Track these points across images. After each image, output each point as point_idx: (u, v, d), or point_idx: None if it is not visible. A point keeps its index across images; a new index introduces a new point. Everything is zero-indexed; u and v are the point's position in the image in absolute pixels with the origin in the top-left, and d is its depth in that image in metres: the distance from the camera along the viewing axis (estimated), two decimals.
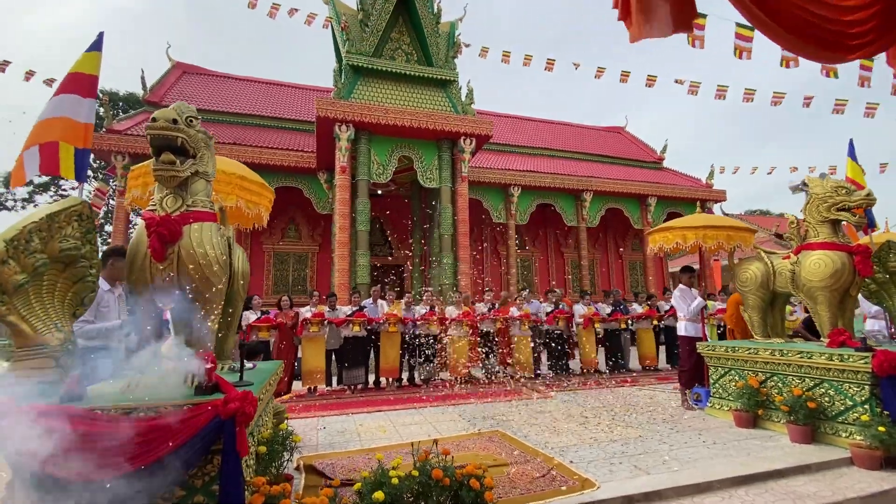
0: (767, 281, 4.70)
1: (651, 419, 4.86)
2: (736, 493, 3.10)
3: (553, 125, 21.54)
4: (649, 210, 16.01)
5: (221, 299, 2.61)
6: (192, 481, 2.13)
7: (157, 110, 2.41)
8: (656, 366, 8.45)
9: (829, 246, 4.16)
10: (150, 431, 1.94)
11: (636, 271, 18.37)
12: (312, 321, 6.49)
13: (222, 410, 2.06)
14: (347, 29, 10.84)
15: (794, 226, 4.59)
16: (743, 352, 4.61)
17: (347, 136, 10.10)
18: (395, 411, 5.51)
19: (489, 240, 16.54)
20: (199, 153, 2.60)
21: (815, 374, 3.99)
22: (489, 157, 15.88)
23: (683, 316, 5.54)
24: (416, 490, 2.36)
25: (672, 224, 5.50)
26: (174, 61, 15.94)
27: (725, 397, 4.82)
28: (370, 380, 7.10)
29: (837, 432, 3.79)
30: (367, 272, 10.14)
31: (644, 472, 3.32)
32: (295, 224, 14.32)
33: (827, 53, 1.42)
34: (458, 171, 11.11)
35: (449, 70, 11.46)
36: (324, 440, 4.30)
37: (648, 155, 20.32)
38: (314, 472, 3.42)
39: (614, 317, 8.21)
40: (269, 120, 14.98)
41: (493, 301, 7.93)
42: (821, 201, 4.26)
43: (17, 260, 2.07)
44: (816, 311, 4.26)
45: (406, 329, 7.07)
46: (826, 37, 1.28)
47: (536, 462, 3.59)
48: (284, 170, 12.31)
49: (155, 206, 2.50)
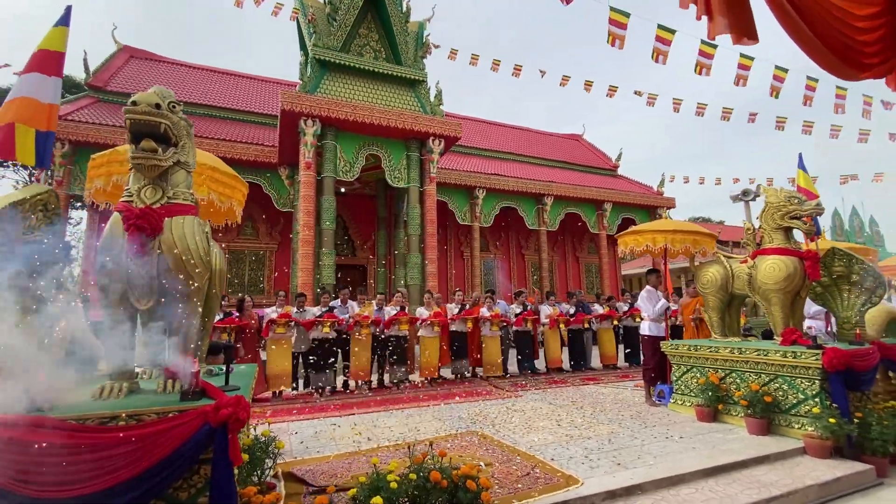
0: (726, 283, 5.02)
1: (620, 416, 5.04)
2: (706, 484, 3.28)
3: (515, 130, 21.97)
4: (605, 215, 16.68)
5: (203, 298, 2.44)
6: (177, 494, 1.98)
7: (137, 94, 2.22)
8: (616, 364, 8.80)
9: (783, 251, 4.49)
10: (134, 442, 1.78)
11: (592, 273, 19.08)
12: (279, 322, 6.22)
13: (213, 417, 1.93)
14: (314, 21, 10.53)
15: (750, 232, 4.92)
16: (704, 350, 4.89)
17: (313, 131, 9.80)
18: (368, 414, 5.40)
19: (453, 241, 16.62)
20: (181, 142, 2.42)
21: (771, 370, 4.30)
22: (454, 158, 15.96)
23: (648, 316, 5.80)
24: (413, 493, 2.31)
25: (642, 228, 5.75)
26: (121, 45, 14.84)
27: (688, 393, 5.09)
28: (339, 382, 6.92)
29: (791, 424, 4.10)
30: (332, 272, 9.88)
31: (623, 466, 3.44)
32: (252, 221, 13.72)
33: (847, 70, 1.54)
34: (426, 171, 11.07)
35: (418, 70, 11.40)
36: (298, 446, 4.13)
37: (604, 162, 21.17)
38: (293, 478, 3.27)
39: (578, 317, 8.46)
40: (225, 111, 14.29)
41: (462, 301, 7.96)
42: (775, 210, 4.59)
43: None
44: (770, 312, 4.58)
45: (377, 330, 6.95)
46: (850, 55, 1.39)
47: (517, 461, 3.63)
48: (243, 164, 11.75)
49: (131, 196, 2.30)
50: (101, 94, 12.74)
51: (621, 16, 5.94)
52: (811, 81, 7.02)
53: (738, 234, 24.09)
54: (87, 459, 1.68)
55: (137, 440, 1.78)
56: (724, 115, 10.06)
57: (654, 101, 10.37)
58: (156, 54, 16.04)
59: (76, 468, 1.68)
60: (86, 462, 1.68)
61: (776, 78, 7.20)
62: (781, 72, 7.56)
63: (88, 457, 1.69)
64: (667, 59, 6.66)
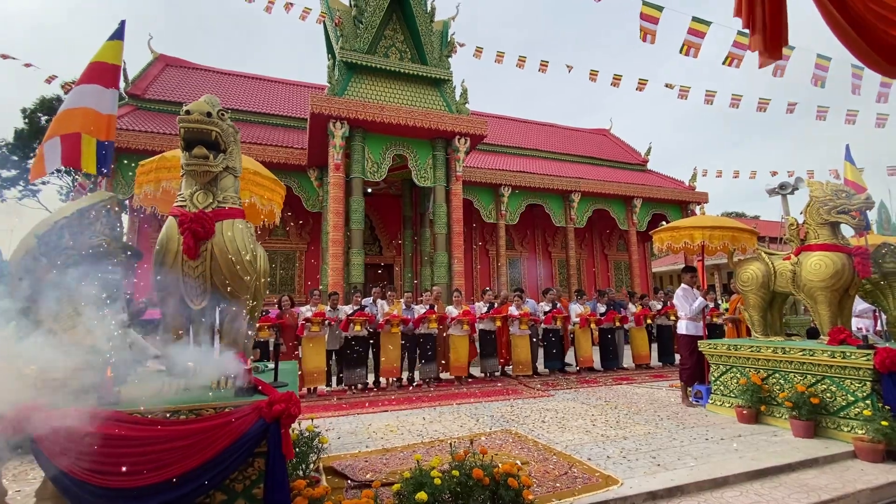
0: (768, 281, 4.85)
1: (656, 416, 4.95)
2: (751, 487, 3.20)
3: (540, 126, 21.75)
4: (635, 211, 16.34)
5: (252, 298, 2.54)
6: (233, 485, 2.07)
7: (191, 104, 2.32)
8: (649, 363, 8.63)
9: (830, 247, 4.31)
10: (196, 435, 1.88)
11: (621, 271, 18.72)
12: (314, 320, 6.38)
13: (266, 412, 2.01)
14: (341, 25, 10.70)
15: (793, 228, 4.75)
16: (745, 350, 4.75)
17: (342, 133, 9.98)
18: (400, 411, 5.47)
19: (479, 239, 16.60)
20: (230, 148, 2.52)
21: (817, 370, 4.14)
22: (479, 156, 15.93)
23: (685, 315, 5.66)
24: (456, 490, 2.35)
25: (679, 224, 5.62)
26: (157, 53, 15.45)
27: (727, 394, 4.95)
28: (370, 379, 7.04)
29: (839, 427, 3.94)
30: (361, 271, 10.05)
31: (663, 468, 3.38)
32: (283, 222, 14.06)
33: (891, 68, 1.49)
34: (452, 170, 11.11)
35: (443, 69, 11.44)
36: (335, 441, 4.23)
37: (633, 157, 20.72)
38: (334, 473, 3.37)
39: (609, 316, 8.34)
40: (256, 115, 14.68)
41: (491, 300, 7.95)
42: (821, 204, 4.41)
43: (48, 256, 1.98)
44: (816, 311, 4.42)
45: (407, 328, 7.03)
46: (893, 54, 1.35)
47: (554, 460, 3.62)
48: (273, 167, 11.96)
49: (184, 201, 2.41)
50: (139, 102, 13.29)
51: (654, 10, 5.82)
52: (857, 70, 6.69)
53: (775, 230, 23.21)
54: (155, 451, 1.79)
55: (199, 433, 1.87)
56: (761, 105, 9.69)
57: (685, 93, 10.09)
58: (189, 62, 16.63)
59: (145, 459, 1.78)
60: (154, 453, 1.78)
61: (819, 67, 6.89)
62: (824, 60, 7.24)
63: (156, 448, 1.79)
64: (699, 51, 6.48)
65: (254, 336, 2.71)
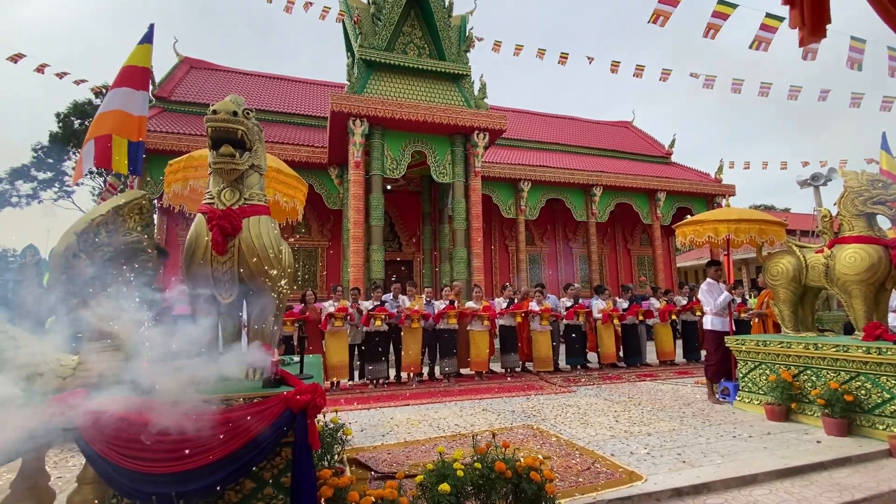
0: (799, 275, 4.70)
1: (681, 413, 4.87)
2: (781, 486, 3.12)
3: (560, 119, 21.47)
4: (658, 205, 16.00)
5: (278, 292, 2.61)
6: (262, 473, 2.13)
7: (217, 103, 2.39)
8: (674, 360, 8.47)
9: (865, 239, 4.15)
10: (228, 423, 1.94)
11: (644, 266, 18.37)
12: (337, 315, 6.49)
13: (293, 403, 2.06)
14: (360, 23, 10.76)
15: (826, 219, 4.58)
16: (775, 346, 4.62)
17: (362, 130, 10.07)
18: (422, 405, 5.53)
19: (498, 235, 16.53)
20: (255, 146, 2.59)
21: (851, 367, 4.00)
22: (498, 151, 15.84)
23: (710, 310, 5.54)
24: (479, 483, 2.36)
25: (703, 217, 5.48)
26: (182, 56, 15.85)
27: (755, 391, 4.83)
28: (391, 374, 7.13)
29: (874, 425, 3.81)
30: (381, 267, 10.14)
31: (688, 464, 3.33)
32: (305, 219, 14.29)
33: None
34: (471, 165, 11.08)
35: (461, 64, 11.39)
36: (358, 434, 4.31)
37: (656, 149, 20.26)
38: (358, 464, 3.43)
39: (632, 309, 8.21)
40: (278, 115, 14.92)
41: (511, 296, 7.93)
42: (856, 195, 4.24)
43: (87, 253, 2.07)
44: (851, 305, 4.26)
45: (427, 324, 7.08)
46: None
47: (576, 455, 3.60)
48: (295, 165, 12.10)
49: (212, 199, 2.48)
50: (166, 104, 13.67)
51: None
52: (893, 51, 6.35)
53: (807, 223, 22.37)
54: (190, 438, 1.86)
55: (230, 422, 1.94)
56: (792, 93, 9.34)
57: (711, 82, 9.81)
58: (213, 63, 17.01)
59: (179, 446, 1.86)
60: (189, 440, 1.85)
61: (853, 49, 6.59)
62: (859, 43, 6.91)
63: (192, 435, 1.86)
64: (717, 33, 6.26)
65: (280, 329, 2.78)
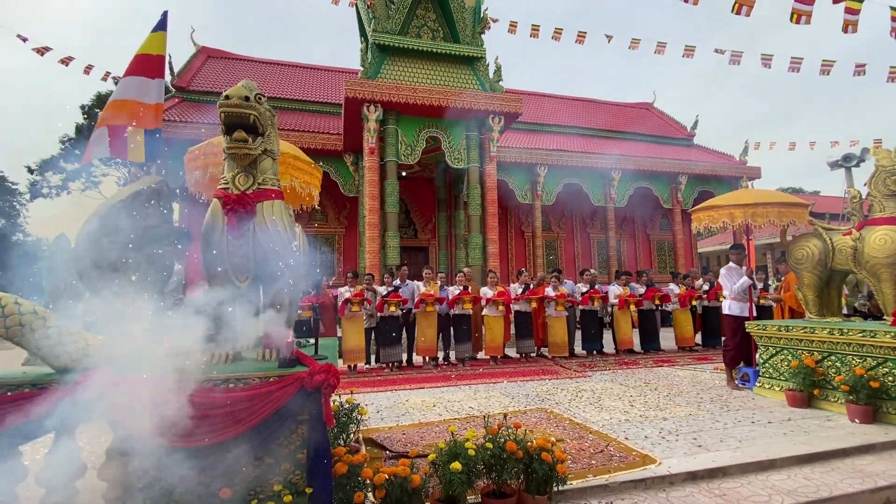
0: (825, 258, 4.54)
1: (699, 398, 4.81)
2: (800, 472, 3.07)
3: (578, 102, 21.00)
4: (679, 188, 15.61)
5: (293, 276, 2.65)
6: (279, 449, 2.20)
7: (229, 89, 2.41)
8: (692, 346, 8.35)
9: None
10: (246, 401, 2.01)
11: (664, 251, 18.03)
12: (354, 301, 6.58)
13: (308, 382, 2.11)
14: (373, 7, 10.65)
15: (856, 200, 4.40)
16: (798, 331, 4.50)
17: (376, 116, 10.03)
18: (436, 388, 5.59)
19: (514, 220, 16.41)
20: (268, 131, 2.60)
21: (879, 353, 3.88)
22: (514, 135, 15.61)
23: (728, 294, 5.42)
24: (490, 462, 2.39)
25: (717, 202, 5.32)
26: (199, 46, 15.99)
27: (776, 377, 4.73)
28: (405, 358, 7.22)
29: None
30: (397, 253, 10.19)
31: (704, 449, 3.31)
32: (322, 207, 14.42)
33: None
34: (486, 150, 10.96)
35: (476, 47, 11.19)
36: (374, 415, 4.40)
37: (678, 131, 19.69)
38: (373, 444, 3.51)
39: (648, 294, 8.09)
40: (294, 102, 14.98)
41: (526, 281, 7.89)
42: (888, 174, 4.06)
43: (110, 236, 2.13)
44: (880, 289, 4.11)
45: (441, 308, 7.12)
46: None
47: (589, 438, 3.61)
48: (311, 153, 12.19)
49: (227, 184, 2.52)
50: (184, 94, 13.85)
51: None
52: None
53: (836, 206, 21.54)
54: (211, 415, 1.93)
55: (248, 401, 2.00)
56: (825, 68, 8.93)
57: (738, 59, 9.44)
58: (230, 52, 17.12)
59: (204, 423, 1.93)
60: (210, 418, 1.92)
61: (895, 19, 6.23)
62: None
63: (212, 413, 1.93)
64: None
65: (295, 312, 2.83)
